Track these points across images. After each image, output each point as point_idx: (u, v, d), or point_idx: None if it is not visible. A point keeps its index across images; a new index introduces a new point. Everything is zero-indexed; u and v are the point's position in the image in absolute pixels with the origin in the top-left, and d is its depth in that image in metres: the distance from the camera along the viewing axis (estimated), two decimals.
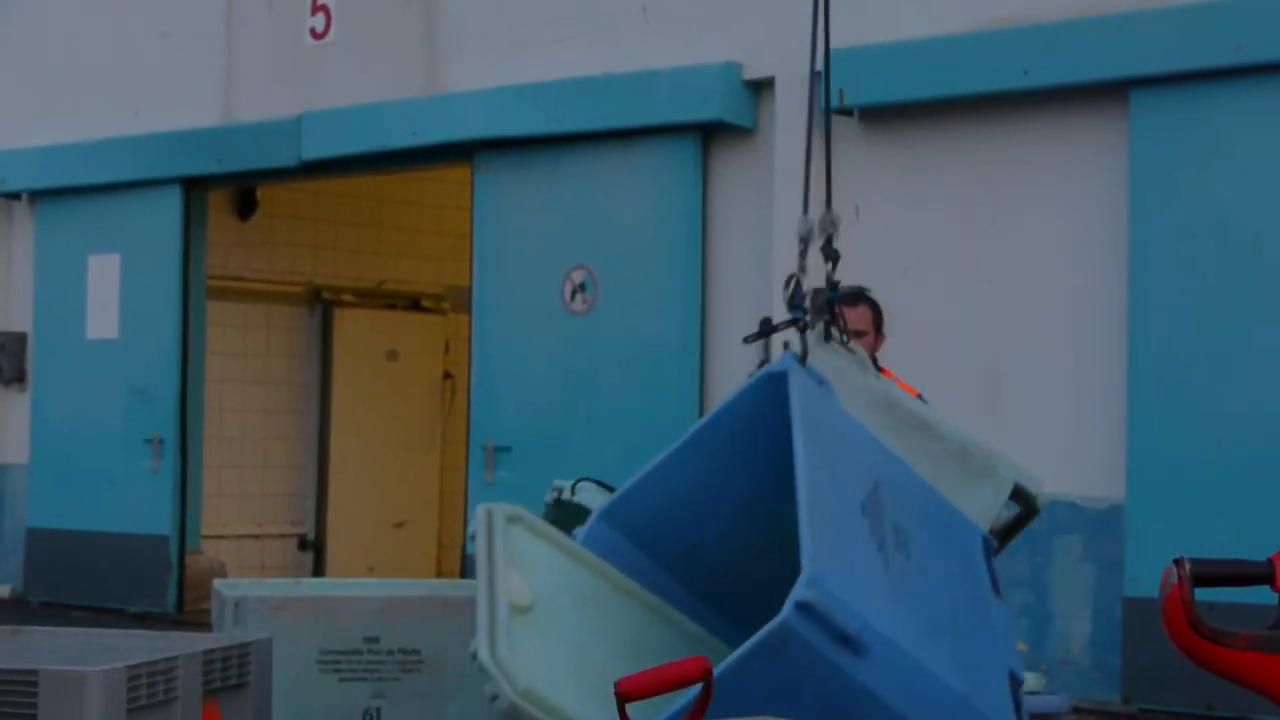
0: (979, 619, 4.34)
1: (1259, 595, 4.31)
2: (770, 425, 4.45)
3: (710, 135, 11.88)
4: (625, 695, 3.43)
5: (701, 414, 11.79)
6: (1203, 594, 3.89)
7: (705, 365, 11.83)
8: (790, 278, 5.36)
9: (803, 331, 5.32)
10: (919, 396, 6.82)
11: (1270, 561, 4.01)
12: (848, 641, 3.67)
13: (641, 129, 12.13)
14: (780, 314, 11.29)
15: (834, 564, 3.71)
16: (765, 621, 3.63)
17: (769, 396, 4.46)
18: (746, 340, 6.59)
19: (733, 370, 11.68)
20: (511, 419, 12.67)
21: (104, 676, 5.10)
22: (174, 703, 5.44)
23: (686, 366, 11.88)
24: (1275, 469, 9.62)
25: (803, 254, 5.39)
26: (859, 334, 7.07)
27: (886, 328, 8.00)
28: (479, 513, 4.67)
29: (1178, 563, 3.90)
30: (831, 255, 5.56)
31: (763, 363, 11.57)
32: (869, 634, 3.72)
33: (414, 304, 16.98)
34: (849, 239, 11.39)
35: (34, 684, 5.03)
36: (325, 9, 14.02)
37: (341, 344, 16.36)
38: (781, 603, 3.60)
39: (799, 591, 3.61)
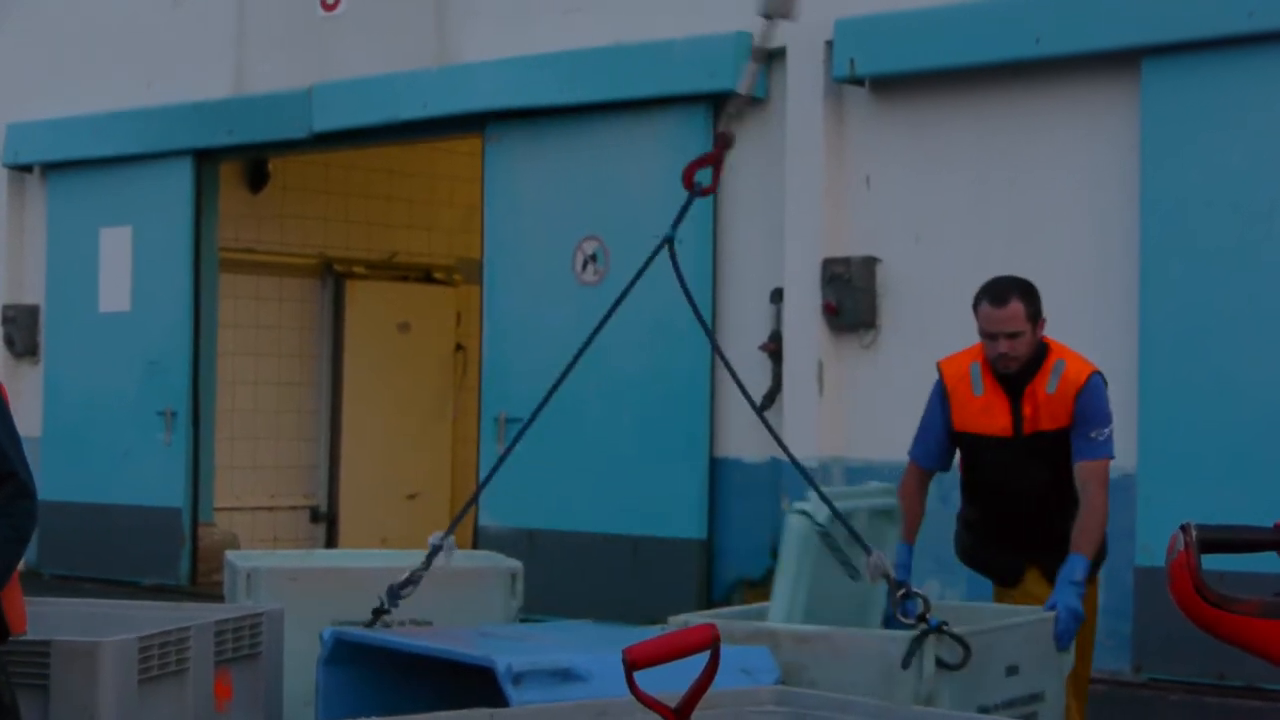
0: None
1: (1267, 563, 4.31)
2: None
3: (721, 105, 11.85)
4: (633, 663, 3.43)
5: (713, 385, 11.80)
6: (1210, 561, 3.89)
7: (716, 335, 11.82)
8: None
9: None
10: (1093, 375, 6.94)
11: (1277, 527, 4.01)
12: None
13: (653, 99, 12.11)
14: (789, 284, 11.29)
15: None
16: None
17: None
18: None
19: (744, 341, 11.70)
20: (523, 390, 12.65)
21: (116, 647, 5.13)
22: (186, 673, 5.47)
23: (698, 337, 11.83)
24: None
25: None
26: (1013, 335, 6.90)
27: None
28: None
29: (1184, 529, 3.91)
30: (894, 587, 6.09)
31: (773, 335, 11.59)
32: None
33: (425, 276, 16.99)
34: (862, 208, 11.46)
35: (46, 654, 5.07)
36: None
37: (353, 316, 16.37)
38: None
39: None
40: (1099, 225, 10.46)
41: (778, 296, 11.51)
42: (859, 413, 11.26)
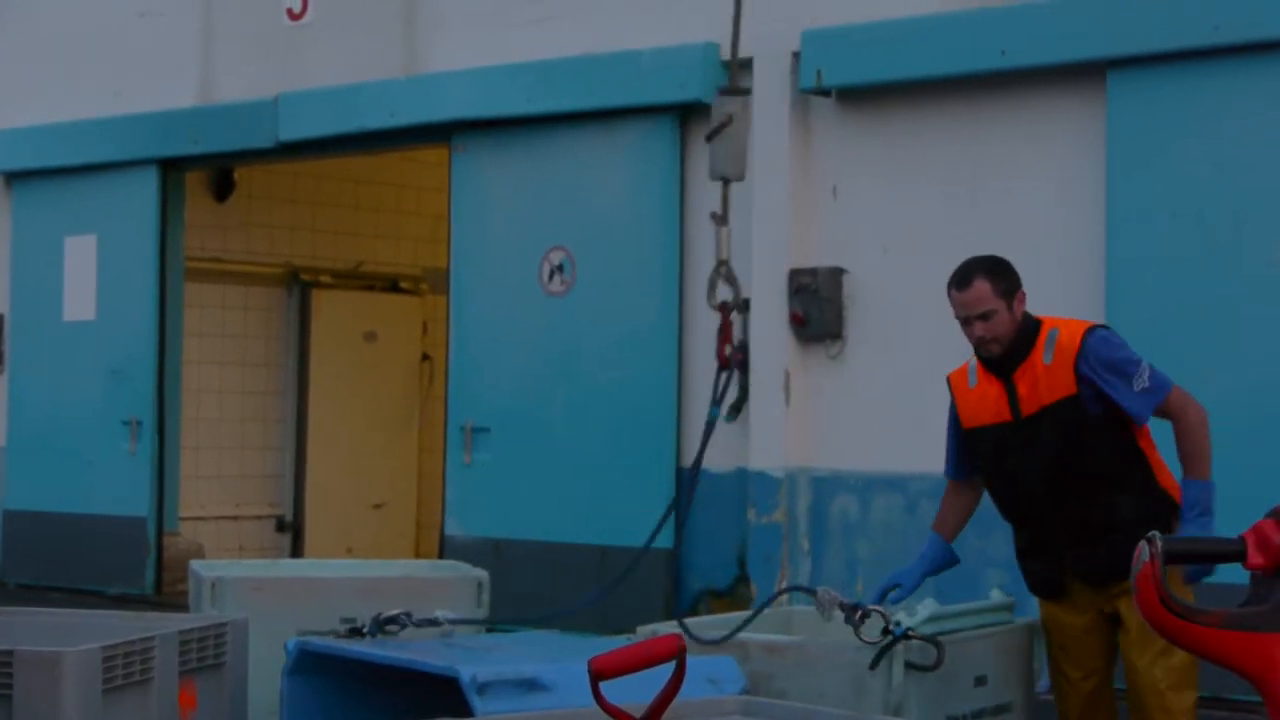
0: None
1: (1237, 575, 4.31)
2: None
3: (689, 115, 11.86)
4: (599, 673, 3.43)
5: (680, 396, 11.80)
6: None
7: (683, 346, 11.83)
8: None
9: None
10: (1091, 330, 6.48)
11: (1242, 539, 4.01)
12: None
13: (620, 109, 12.11)
14: (756, 294, 11.28)
15: None
16: None
17: None
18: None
19: (711, 351, 11.67)
20: (490, 400, 12.66)
21: (79, 656, 5.10)
22: (150, 682, 5.44)
23: (665, 347, 11.87)
24: (1252, 448, 9.63)
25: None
26: (984, 316, 6.42)
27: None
28: None
29: (1149, 540, 3.91)
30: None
31: (740, 345, 11.58)
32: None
33: (392, 285, 16.96)
34: (829, 218, 11.46)
35: (9, 664, 5.04)
36: None
37: (319, 325, 16.34)
38: None
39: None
40: (1066, 236, 10.48)
41: (744, 307, 11.50)
42: (826, 423, 11.26)
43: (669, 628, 6.16)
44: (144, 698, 5.44)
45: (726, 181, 6.78)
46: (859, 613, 6.05)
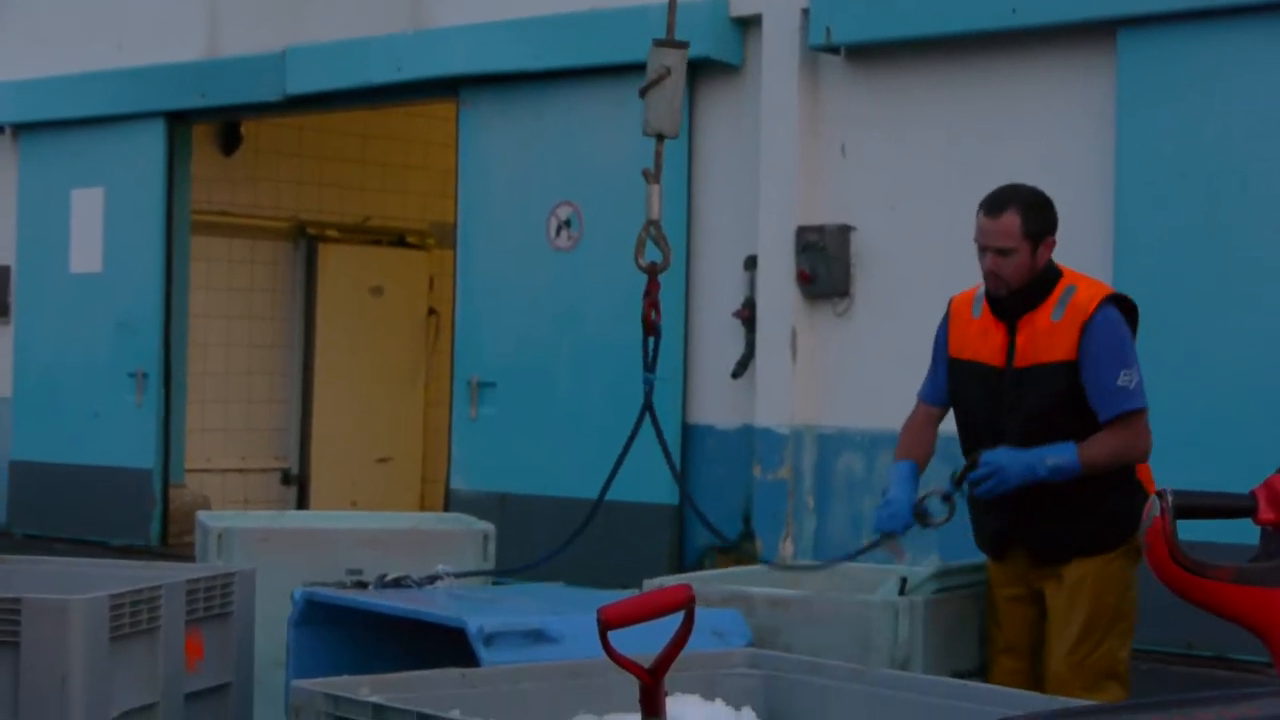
0: None
1: (1241, 535, 4.32)
2: None
3: (696, 72, 11.83)
4: (608, 623, 3.43)
5: (686, 352, 11.80)
6: (1185, 532, 3.90)
7: (690, 302, 11.82)
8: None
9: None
10: (1108, 301, 5.99)
11: (1253, 494, 4.01)
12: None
13: (627, 65, 12.06)
14: (764, 251, 11.27)
15: None
16: None
17: None
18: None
19: (718, 308, 11.70)
20: (496, 355, 12.67)
21: (86, 605, 5.11)
22: (156, 631, 5.46)
23: (671, 303, 11.82)
24: (1256, 408, 9.64)
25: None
26: (1003, 252, 5.95)
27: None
28: None
29: (1160, 495, 3.90)
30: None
31: (746, 302, 11.58)
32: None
33: (399, 240, 16.95)
34: (837, 176, 11.43)
35: (17, 612, 5.05)
36: None
37: (326, 280, 16.34)
38: None
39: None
40: (1074, 197, 10.43)
41: (751, 264, 11.51)
42: (832, 380, 11.27)
43: (676, 581, 6.17)
44: (150, 646, 5.45)
45: (660, 138, 6.53)
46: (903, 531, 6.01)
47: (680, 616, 3.55)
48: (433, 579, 6.19)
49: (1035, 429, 5.95)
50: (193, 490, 15.05)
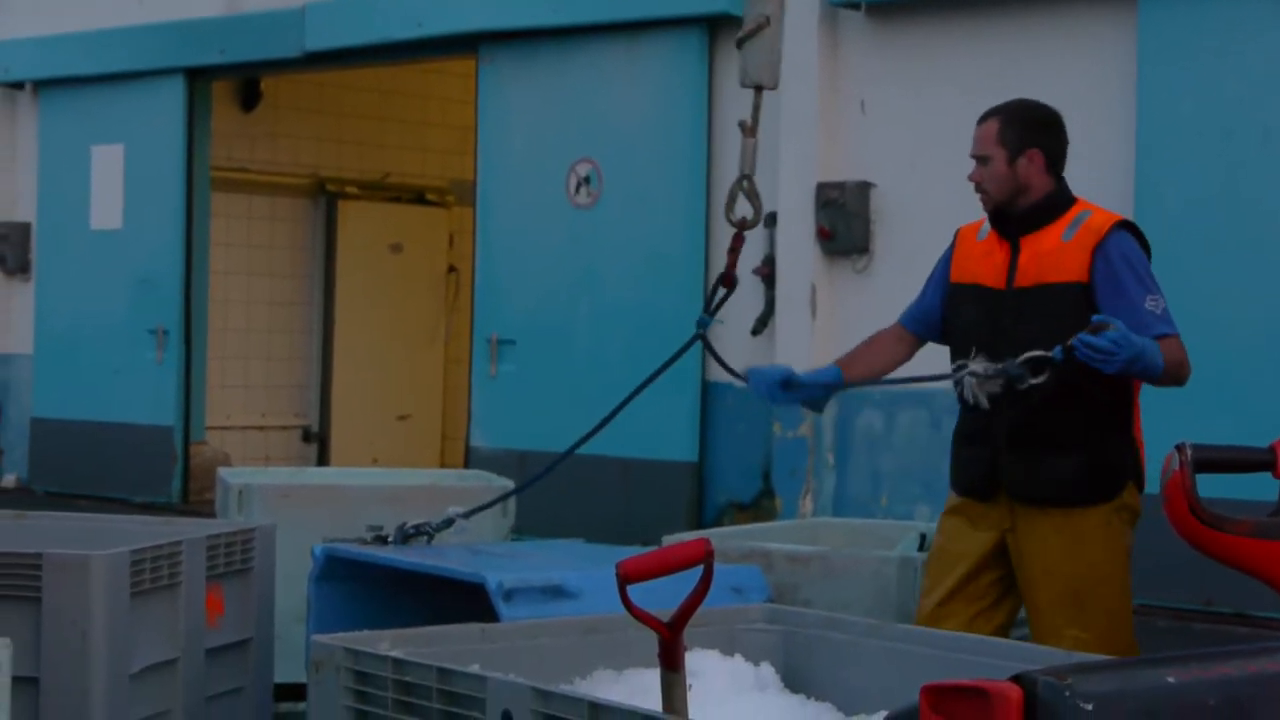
0: None
1: (1259, 490, 4.32)
2: None
3: (716, 27, 11.81)
4: (626, 576, 3.43)
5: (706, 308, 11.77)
6: (1203, 488, 3.91)
7: (709, 259, 11.81)
8: None
9: None
10: (1122, 223, 5.66)
11: (1272, 449, 4.02)
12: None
13: (647, 21, 12.06)
14: (783, 208, 11.24)
15: None
16: None
17: None
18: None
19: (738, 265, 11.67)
20: (515, 312, 12.67)
21: (108, 560, 5.13)
22: (178, 587, 5.47)
23: (691, 260, 11.86)
24: (1277, 362, 9.63)
25: None
26: (982, 160, 5.78)
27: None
28: None
29: (1179, 449, 3.91)
30: None
31: (766, 259, 11.56)
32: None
33: (418, 197, 16.95)
34: (856, 133, 11.41)
35: (38, 566, 5.07)
36: None
37: (346, 237, 16.35)
38: None
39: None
40: (1094, 154, 10.41)
41: (771, 221, 11.49)
42: (851, 337, 11.13)
43: (694, 537, 6.18)
44: (171, 602, 5.47)
45: (759, 89, 6.40)
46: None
47: (699, 572, 3.55)
48: (449, 522, 6.20)
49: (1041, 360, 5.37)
50: (213, 447, 15.09)
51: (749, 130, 6.32)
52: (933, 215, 10.82)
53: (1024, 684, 2.52)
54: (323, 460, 16.09)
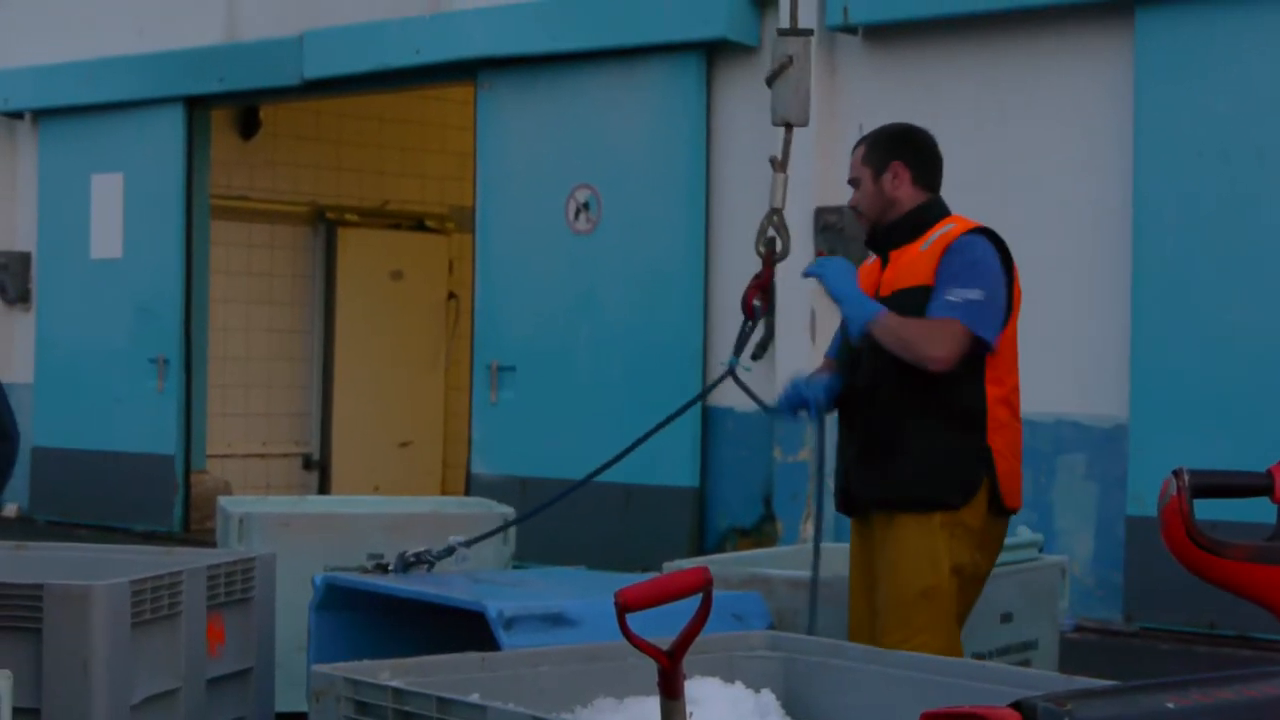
0: None
1: (1258, 514, 4.31)
2: None
3: (714, 53, 11.84)
4: (625, 605, 3.43)
5: (706, 334, 11.79)
6: (1202, 512, 3.90)
7: (709, 285, 11.82)
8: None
9: None
10: (974, 231, 5.72)
11: (1269, 473, 4.01)
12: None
13: (645, 47, 12.08)
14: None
15: None
16: None
17: None
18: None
19: (737, 289, 11.66)
20: (516, 339, 12.68)
21: (108, 590, 5.12)
22: (178, 617, 5.47)
23: (691, 286, 11.87)
24: (1276, 383, 9.63)
25: None
26: (853, 183, 6.00)
27: None
28: None
29: (1176, 474, 3.90)
30: None
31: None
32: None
33: (418, 224, 16.96)
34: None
35: (39, 597, 5.06)
36: None
37: (345, 264, 16.36)
38: None
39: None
40: (1092, 174, 10.45)
41: (770, 245, 11.48)
42: None
43: (695, 564, 6.18)
44: (172, 632, 5.46)
45: (789, 126, 6.51)
46: None
47: (699, 599, 3.55)
48: (450, 550, 6.20)
49: (883, 363, 5.68)
50: (214, 476, 15.09)
51: (779, 165, 6.46)
52: None
53: (1024, 710, 2.52)
54: (324, 488, 16.09)
